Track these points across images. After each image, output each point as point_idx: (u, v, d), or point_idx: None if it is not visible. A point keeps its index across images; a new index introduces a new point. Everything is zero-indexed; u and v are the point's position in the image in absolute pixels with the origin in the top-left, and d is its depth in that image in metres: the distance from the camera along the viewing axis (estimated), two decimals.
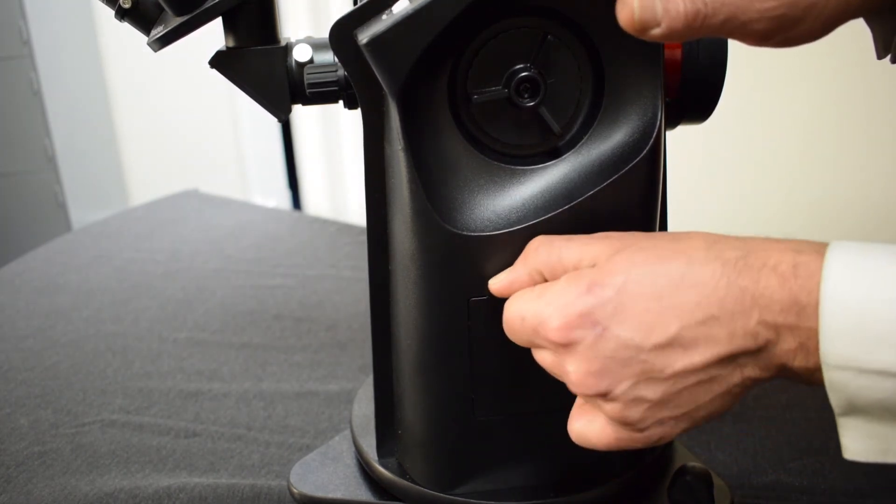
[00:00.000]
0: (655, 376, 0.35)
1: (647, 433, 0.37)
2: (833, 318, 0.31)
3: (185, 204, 1.20)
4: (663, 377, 0.35)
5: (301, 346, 0.76)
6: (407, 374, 0.48)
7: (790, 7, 0.33)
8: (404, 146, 0.40)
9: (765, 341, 0.33)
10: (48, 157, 1.74)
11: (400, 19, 0.37)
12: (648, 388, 0.35)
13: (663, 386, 0.35)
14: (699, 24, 0.34)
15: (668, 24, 0.34)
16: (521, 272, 0.41)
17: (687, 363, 0.34)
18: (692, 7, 0.33)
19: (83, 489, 0.55)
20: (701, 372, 0.34)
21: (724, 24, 0.34)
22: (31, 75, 1.68)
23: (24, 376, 0.71)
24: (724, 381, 0.35)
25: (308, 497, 0.51)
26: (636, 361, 0.35)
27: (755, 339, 0.33)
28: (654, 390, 0.35)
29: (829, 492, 0.53)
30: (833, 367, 0.31)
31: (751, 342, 0.33)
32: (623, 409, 0.36)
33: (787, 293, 0.32)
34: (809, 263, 0.32)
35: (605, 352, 0.35)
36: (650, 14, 0.34)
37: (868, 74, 0.85)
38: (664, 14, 0.34)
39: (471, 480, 0.48)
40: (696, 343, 0.34)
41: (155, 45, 0.45)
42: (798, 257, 0.33)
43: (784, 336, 0.33)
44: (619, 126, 0.41)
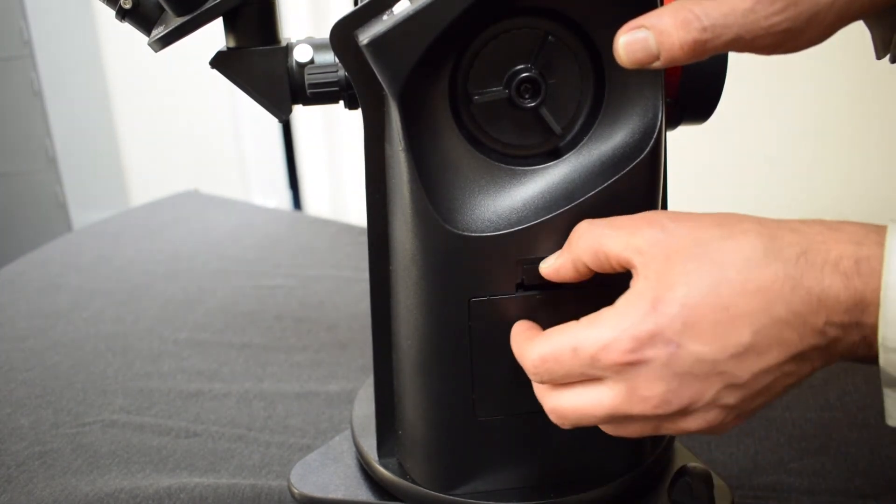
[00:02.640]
0: (735, 383, 0.35)
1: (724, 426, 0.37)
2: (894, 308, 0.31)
3: (185, 204, 1.20)
4: (741, 382, 0.35)
5: (301, 347, 0.76)
6: (407, 375, 0.48)
7: (794, 20, 0.33)
8: (405, 147, 0.40)
9: (832, 339, 0.33)
10: (48, 157, 1.74)
11: (401, 20, 0.37)
12: (729, 395, 0.35)
13: (743, 390, 0.35)
14: (700, 49, 0.34)
15: (667, 56, 0.34)
16: (566, 260, 0.40)
17: (763, 365, 0.34)
18: (689, 37, 0.34)
19: (84, 489, 0.55)
20: (776, 370, 0.34)
21: (729, 44, 0.34)
22: (32, 75, 1.68)
23: (24, 376, 0.71)
24: (797, 375, 0.35)
25: (308, 497, 0.51)
26: (715, 374, 0.34)
27: (824, 337, 0.33)
28: (734, 396, 0.35)
29: (829, 492, 0.53)
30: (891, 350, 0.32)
31: (820, 340, 0.34)
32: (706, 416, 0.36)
33: (851, 293, 0.32)
34: (871, 259, 0.32)
35: (682, 368, 0.34)
36: (642, 54, 0.35)
37: (869, 74, 0.85)
38: (660, 48, 0.34)
39: (471, 481, 0.48)
40: (770, 346, 0.34)
41: (156, 46, 0.45)
42: (859, 251, 0.33)
43: (849, 332, 0.33)
44: (620, 126, 0.42)
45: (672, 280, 0.35)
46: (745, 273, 0.34)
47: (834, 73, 0.89)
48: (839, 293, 0.33)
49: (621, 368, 0.35)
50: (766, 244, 0.34)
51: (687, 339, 0.34)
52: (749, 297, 0.34)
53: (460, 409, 0.47)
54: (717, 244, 0.35)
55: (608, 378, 0.36)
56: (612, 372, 0.36)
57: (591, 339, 0.36)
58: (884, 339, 0.32)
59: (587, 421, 0.38)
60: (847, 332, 0.33)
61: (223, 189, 1.36)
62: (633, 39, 0.35)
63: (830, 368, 0.67)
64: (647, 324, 0.34)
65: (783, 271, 0.33)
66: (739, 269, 0.34)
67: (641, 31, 0.35)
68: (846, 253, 0.33)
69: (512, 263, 0.42)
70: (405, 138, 0.40)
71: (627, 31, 0.35)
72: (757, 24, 0.33)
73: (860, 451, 0.57)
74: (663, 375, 0.35)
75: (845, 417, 0.61)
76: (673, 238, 0.36)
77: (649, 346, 0.34)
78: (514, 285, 0.43)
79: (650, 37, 0.34)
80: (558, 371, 0.37)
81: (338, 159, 1.51)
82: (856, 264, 0.32)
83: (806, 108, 0.92)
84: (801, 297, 0.33)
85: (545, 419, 0.47)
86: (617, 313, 0.36)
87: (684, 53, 0.34)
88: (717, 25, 0.33)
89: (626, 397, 0.36)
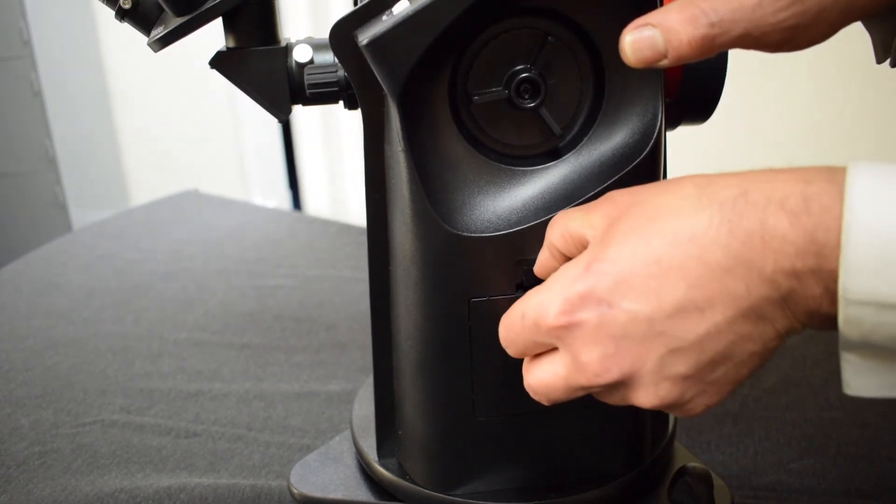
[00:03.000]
0: (680, 346, 0.32)
1: (692, 405, 0.34)
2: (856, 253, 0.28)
3: (185, 204, 1.20)
4: (688, 345, 0.32)
5: (301, 347, 0.76)
6: (407, 375, 0.48)
7: (801, 17, 0.33)
8: (404, 147, 0.40)
9: (787, 290, 0.30)
10: (48, 158, 1.74)
11: (400, 20, 0.37)
12: (678, 362, 0.32)
13: (692, 355, 0.32)
14: (708, 45, 0.33)
15: (675, 54, 0.34)
16: (545, 253, 0.39)
17: (709, 325, 0.31)
18: (697, 33, 0.33)
19: (83, 489, 0.55)
20: (728, 331, 0.31)
21: (737, 40, 0.33)
22: (32, 75, 1.68)
23: (24, 376, 0.71)
24: (758, 338, 0.32)
25: (308, 497, 0.51)
26: (654, 335, 0.32)
27: (776, 287, 0.30)
28: (684, 363, 0.32)
29: (829, 492, 0.53)
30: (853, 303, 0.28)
31: (772, 291, 0.30)
32: (657, 389, 0.33)
33: (801, 233, 0.29)
34: (822, 195, 0.29)
35: (616, 329, 0.32)
36: (649, 52, 0.34)
37: (870, 75, 0.85)
38: (667, 45, 0.34)
39: (471, 481, 0.48)
40: (712, 302, 0.31)
41: (155, 46, 0.45)
42: (808, 188, 0.29)
43: (807, 282, 0.30)
44: (620, 127, 0.42)
45: (609, 240, 0.34)
46: (677, 221, 0.32)
47: (835, 74, 0.89)
48: (786, 233, 0.29)
49: (560, 332, 0.34)
50: (699, 191, 0.32)
51: (618, 298, 0.32)
52: (681, 246, 0.31)
53: (460, 409, 0.47)
54: (652, 201, 0.33)
55: (559, 346, 0.35)
56: (554, 338, 0.34)
57: (532, 304, 0.35)
58: (845, 290, 0.28)
59: (556, 394, 0.36)
60: (804, 283, 0.30)
61: (223, 189, 1.36)
62: (640, 38, 0.34)
63: (830, 368, 0.67)
64: (579, 285, 0.33)
65: (719, 214, 0.31)
66: (671, 218, 0.32)
67: (648, 29, 0.34)
68: (793, 191, 0.30)
69: (511, 264, 0.42)
70: (405, 139, 0.40)
71: (633, 30, 0.34)
72: (765, 20, 0.33)
73: (860, 451, 0.57)
74: (597, 338, 0.33)
75: (845, 417, 0.61)
76: (617, 206, 0.35)
77: (581, 307, 0.33)
78: (514, 286, 0.43)
79: (657, 34, 0.34)
80: (517, 340, 0.37)
81: (338, 159, 1.51)
82: (804, 202, 0.29)
83: (806, 109, 0.92)
84: (741, 239, 0.30)
85: (545, 419, 0.47)
86: (555, 277, 0.35)
87: (693, 50, 0.33)
88: (725, 21, 0.32)
89: (571, 365, 0.34)
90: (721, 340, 0.32)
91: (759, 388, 0.65)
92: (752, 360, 0.32)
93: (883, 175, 0.28)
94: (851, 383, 0.32)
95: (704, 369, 0.32)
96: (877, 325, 0.29)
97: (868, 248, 0.28)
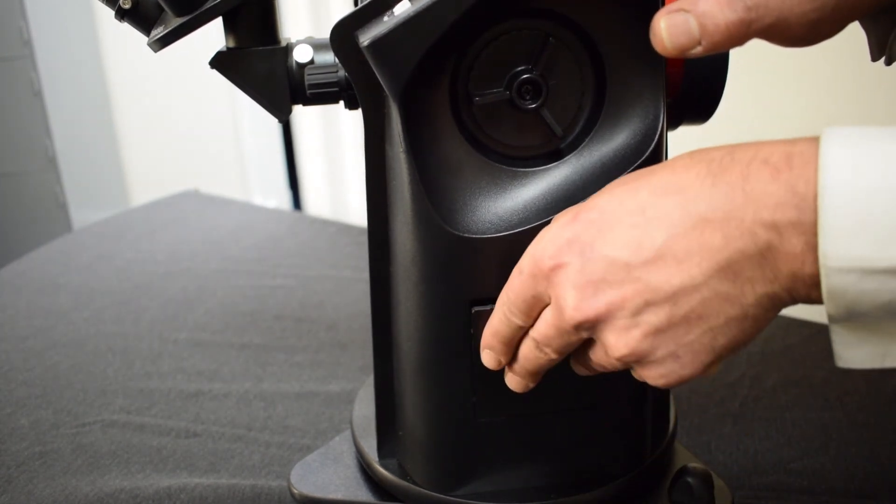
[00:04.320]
0: (654, 297, 0.32)
1: (664, 368, 0.34)
2: (834, 214, 0.27)
3: (185, 204, 1.20)
4: (663, 296, 0.32)
5: (301, 347, 0.76)
6: (408, 376, 0.48)
7: (821, 11, 0.33)
8: (406, 148, 0.40)
9: (765, 243, 0.29)
10: (48, 157, 1.74)
11: (402, 21, 0.37)
12: (650, 311, 0.32)
13: (665, 307, 0.32)
14: (744, 31, 0.33)
15: (709, 40, 0.33)
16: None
17: (685, 277, 0.31)
18: (734, 17, 0.32)
19: (84, 489, 0.55)
20: (703, 287, 0.31)
21: (768, 28, 0.33)
22: (32, 75, 1.68)
23: (24, 376, 0.71)
24: (735, 300, 0.31)
25: (308, 497, 0.51)
26: (629, 280, 0.32)
27: (754, 239, 0.30)
28: (656, 314, 0.32)
29: (829, 492, 0.53)
30: (835, 271, 0.28)
31: (749, 243, 0.30)
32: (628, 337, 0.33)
33: (782, 184, 0.29)
34: (805, 152, 0.29)
35: (595, 273, 0.33)
36: (684, 38, 0.33)
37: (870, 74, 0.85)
38: (702, 31, 0.33)
39: (472, 482, 0.48)
40: (690, 253, 0.31)
41: (155, 46, 0.45)
42: (791, 147, 0.29)
43: (787, 235, 0.29)
44: (621, 128, 0.41)
45: (601, 192, 0.35)
46: (668, 176, 0.32)
47: (835, 73, 0.89)
48: (766, 185, 0.29)
49: (548, 275, 0.35)
50: (692, 153, 0.33)
51: (601, 243, 0.33)
52: (667, 197, 0.32)
53: (461, 409, 0.47)
54: (650, 167, 0.35)
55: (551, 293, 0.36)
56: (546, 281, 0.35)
57: (526, 259, 0.36)
58: (825, 257, 0.28)
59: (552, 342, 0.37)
60: (784, 236, 0.29)
61: (223, 189, 1.36)
62: (675, 22, 0.33)
63: (830, 368, 0.67)
64: (566, 231, 0.34)
65: (706, 170, 0.31)
66: (663, 174, 0.33)
67: (681, 14, 0.33)
68: (777, 149, 0.30)
69: (513, 265, 0.42)
70: (406, 139, 0.40)
71: (666, 14, 0.34)
72: (792, 11, 0.33)
73: (860, 451, 0.57)
74: (578, 281, 0.34)
75: (845, 417, 0.61)
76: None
77: (566, 251, 0.34)
78: None
79: (691, 19, 0.33)
80: (518, 300, 0.37)
81: (338, 159, 1.51)
82: (787, 158, 0.29)
83: (808, 108, 0.92)
84: (723, 191, 0.30)
85: (546, 420, 0.47)
86: (547, 227, 0.37)
87: (730, 35, 0.33)
88: (760, 6, 0.32)
89: (556, 308, 0.35)
90: (696, 295, 0.31)
91: (759, 388, 0.65)
92: (730, 326, 0.32)
93: (858, 137, 0.28)
94: (842, 355, 0.31)
95: (678, 325, 0.32)
96: (861, 294, 0.28)
97: (845, 210, 0.27)
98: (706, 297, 0.31)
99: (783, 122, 0.94)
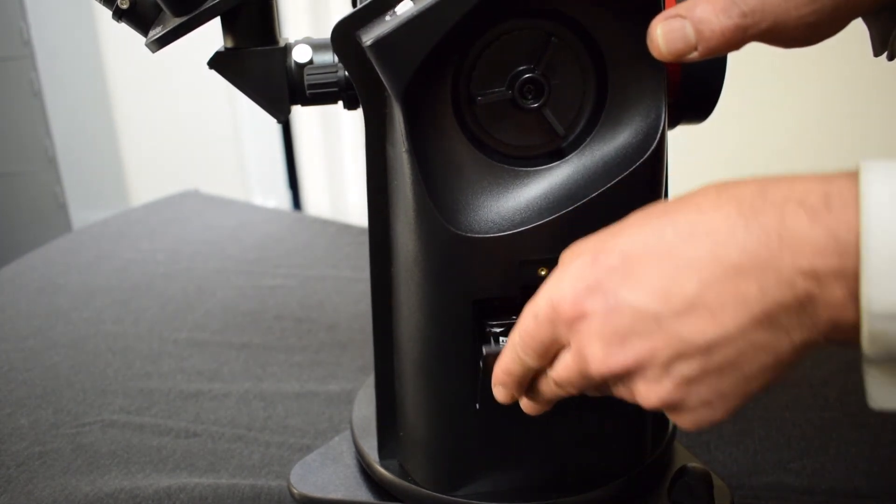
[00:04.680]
0: (686, 349, 0.30)
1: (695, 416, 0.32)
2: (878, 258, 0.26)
3: (185, 204, 1.20)
4: (695, 349, 0.30)
5: (301, 347, 0.76)
6: (409, 376, 0.48)
7: (819, 13, 0.33)
8: (408, 148, 0.40)
9: (805, 293, 0.28)
10: (48, 157, 1.73)
11: (405, 21, 0.37)
12: (682, 363, 0.31)
13: (698, 359, 0.30)
14: (740, 36, 0.33)
15: (706, 46, 0.33)
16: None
17: (719, 329, 0.29)
18: (730, 22, 0.33)
19: (83, 489, 0.55)
20: (738, 338, 0.29)
21: (764, 33, 0.33)
22: (32, 75, 1.68)
23: (24, 376, 0.71)
24: (771, 349, 0.30)
25: (308, 497, 0.51)
26: (659, 332, 0.30)
27: (792, 289, 0.28)
28: (688, 365, 0.31)
29: (829, 492, 0.53)
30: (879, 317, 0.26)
31: (788, 294, 0.28)
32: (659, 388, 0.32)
33: (821, 230, 0.27)
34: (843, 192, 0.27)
35: (621, 324, 0.31)
36: (681, 43, 0.34)
37: (870, 71, 0.85)
38: (698, 37, 0.33)
39: (473, 482, 0.48)
40: (723, 304, 0.29)
41: (153, 46, 0.45)
42: (828, 186, 0.27)
43: (828, 284, 0.27)
44: (623, 127, 0.41)
45: (619, 232, 0.33)
46: (695, 216, 0.30)
47: (835, 71, 0.89)
48: (805, 230, 0.27)
49: (569, 323, 0.33)
50: (719, 190, 0.31)
51: (626, 291, 0.31)
52: (696, 242, 0.30)
53: (462, 409, 0.47)
54: (671, 203, 0.32)
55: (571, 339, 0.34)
56: (566, 328, 0.33)
57: (542, 302, 0.34)
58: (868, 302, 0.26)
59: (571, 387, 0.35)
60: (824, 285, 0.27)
61: (223, 189, 1.36)
62: (672, 28, 0.33)
63: (830, 367, 0.67)
64: (586, 276, 0.32)
65: (736, 210, 0.29)
66: (688, 213, 0.31)
67: (678, 20, 0.33)
68: (813, 189, 0.28)
69: (515, 264, 0.42)
70: (408, 139, 0.40)
71: (663, 20, 0.34)
72: (789, 14, 0.33)
73: (860, 451, 0.57)
74: (604, 331, 0.32)
75: (845, 417, 0.61)
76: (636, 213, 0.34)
77: (588, 299, 0.32)
78: (518, 287, 0.43)
79: (687, 25, 0.33)
80: (533, 344, 0.35)
81: (338, 159, 1.51)
82: (825, 199, 0.27)
83: (807, 106, 0.92)
84: (757, 236, 0.28)
85: (546, 420, 0.47)
86: (563, 269, 0.34)
87: (726, 40, 0.33)
88: (756, 12, 0.33)
89: (580, 356, 0.33)
90: (731, 348, 0.30)
91: None
92: (764, 374, 0.31)
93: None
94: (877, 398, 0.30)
95: (710, 376, 0.31)
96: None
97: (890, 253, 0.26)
98: (741, 347, 0.30)
99: (783, 119, 0.94)
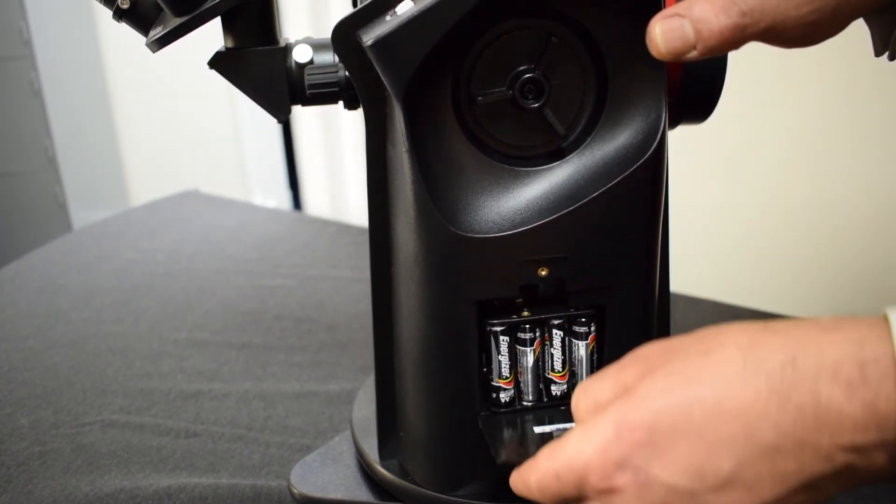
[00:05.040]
0: None
1: None
2: None
3: (185, 204, 1.20)
4: None
5: (301, 347, 0.76)
6: (409, 376, 0.48)
7: (820, 12, 0.33)
8: (408, 147, 0.40)
9: (845, 464, 0.28)
10: (48, 157, 1.74)
11: (405, 20, 0.37)
12: None
13: None
14: (739, 36, 0.33)
15: (704, 45, 0.33)
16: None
17: (756, 500, 0.29)
18: (729, 21, 0.33)
19: (84, 489, 0.55)
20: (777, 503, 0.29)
21: (763, 33, 0.33)
22: (32, 75, 1.68)
23: (24, 376, 0.71)
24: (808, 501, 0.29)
25: (308, 497, 0.51)
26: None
27: (832, 462, 0.28)
28: None
29: None
30: None
31: (827, 467, 0.28)
32: None
33: (859, 405, 0.26)
34: (880, 361, 0.26)
35: (656, 500, 0.30)
36: (679, 42, 0.34)
37: (871, 71, 0.85)
38: (697, 36, 0.33)
39: (473, 482, 0.48)
40: (761, 479, 0.29)
41: (153, 46, 0.45)
42: (862, 352, 0.27)
43: (869, 456, 0.27)
44: (624, 127, 0.41)
45: (641, 402, 0.31)
46: (722, 392, 0.29)
47: (836, 71, 0.89)
48: (841, 406, 0.27)
49: (600, 493, 0.32)
50: (745, 355, 0.29)
51: (658, 469, 0.30)
52: (727, 422, 0.29)
53: (463, 409, 0.47)
54: (690, 360, 0.31)
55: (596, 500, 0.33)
56: (595, 494, 0.32)
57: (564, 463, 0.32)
58: None
59: None
60: (865, 457, 0.27)
61: (223, 189, 1.36)
62: (670, 27, 0.33)
63: None
64: (612, 452, 0.31)
65: (766, 386, 0.28)
66: (715, 387, 0.29)
67: (676, 20, 0.33)
68: (846, 356, 0.27)
69: (516, 264, 0.42)
70: (409, 139, 0.40)
71: (662, 20, 0.34)
72: (788, 14, 0.33)
73: None
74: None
75: None
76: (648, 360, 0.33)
77: (618, 475, 0.31)
78: (519, 287, 0.43)
79: (686, 24, 0.33)
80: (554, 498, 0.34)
81: (338, 159, 1.51)
82: (860, 369, 0.27)
83: (808, 106, 0.92)
84: (792, 415, 0.27)
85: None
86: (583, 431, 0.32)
87: (724, 40, 0.33)
88: (755, 11, 0.32)
89: None
90: None
91: None
92: None
93: None
94: None
95: None
96: None
97: None
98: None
99: (784, 119, 0.94)
